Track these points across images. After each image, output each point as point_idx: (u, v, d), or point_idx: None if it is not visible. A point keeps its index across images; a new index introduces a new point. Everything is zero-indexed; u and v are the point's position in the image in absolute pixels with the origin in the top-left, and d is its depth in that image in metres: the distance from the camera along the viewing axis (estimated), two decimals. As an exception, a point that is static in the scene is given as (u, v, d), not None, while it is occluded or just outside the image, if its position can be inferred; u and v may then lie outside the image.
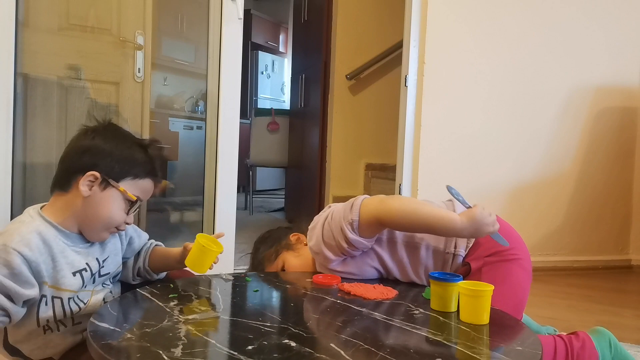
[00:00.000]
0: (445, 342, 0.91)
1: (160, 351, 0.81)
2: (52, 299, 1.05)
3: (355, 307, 1.08)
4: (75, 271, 1.08)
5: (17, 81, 2.04)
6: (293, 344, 0.86)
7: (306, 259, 1.42)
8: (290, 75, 5.01)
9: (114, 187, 1.09)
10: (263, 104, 6.57)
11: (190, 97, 2.80)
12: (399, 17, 2.83)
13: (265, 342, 0.87)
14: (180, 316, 0.98)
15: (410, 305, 1.12)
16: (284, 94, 6.97)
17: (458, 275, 1.10)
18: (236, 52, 2.32)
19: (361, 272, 1.33)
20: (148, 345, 0.84)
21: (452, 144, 2.76)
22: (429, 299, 1.12)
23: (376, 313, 1.05)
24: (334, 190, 3.74)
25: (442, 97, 2.74)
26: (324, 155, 3.76)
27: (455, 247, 1.33)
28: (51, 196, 1.12)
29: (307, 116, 4.06)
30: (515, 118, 2.87)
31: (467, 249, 1.34)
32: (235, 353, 0.81)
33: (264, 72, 6.72)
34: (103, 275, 1.16)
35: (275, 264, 1.45)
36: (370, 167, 3.79)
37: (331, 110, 3.76)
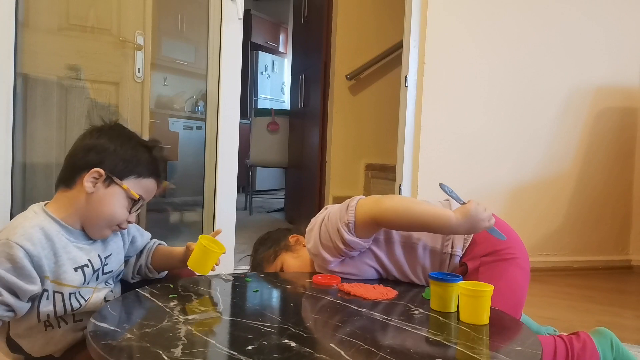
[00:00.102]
0: (445, 343, 0.91)
1: (160, 351, 0.81)
2: (53, 294, 1.06)
3: (355, 307, 1.08)
4: (76, 267, 1.09)
5: (17, 81, 2.04)
6: (293, 344, 0.86)
7: (305, 260, 1.42)
8: (290, 76, 5.01)
9: (117, 184, 1.11)
10: (263, 104, 6.57)
11: (190, 97, 2.79)
12: (399, 17, 2.83)
13: (265, 343, 0.87)
14: (180, 316, 0.98)
15: (410, 305, 1.12)
16: (283, 94, 6.97)
17: (458, 276, 1.10)
18: (236, 52, 2.32)
19: (360, 272, 1.33)
20: (148, 345, 0.84)
21: (452, 144, 2.76)
22: (429, 299, 1.12)
23: (376, 313, 1.05)
24: (334, 190, 3.74)
25: (442, 97, 2.74)
26: (324, 156, 3.76)
27: (452, 247, 1.33)
28: (55, 193, 1.14)
29: (307, 116, 4.05)
30: (515, 118, 2.87)
31: (464, 249, 1.33)
32: (235, 353, 0.81)
33: (264, 72, 6.72)
34: (106, 273, 1.17)
35: (274, 265, 1.46)
36: (370, 168, 3.78)
37: (331, 111, 3.76)
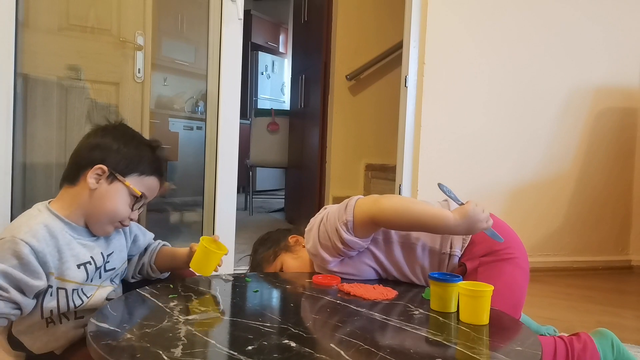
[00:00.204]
0: (445, 343, 0.91)
1: (160, 351, 0.81)
2: (57, 290, 1.07)
3: (355, 307, 1.08)
4: (79, 264, 1.10)
5: (17, 81, 2.04)
6: (293, 344, 0.86)
7: (304, 260, 1.42)
8: (290, 76, 5.01)
9: (120, 181, 1.13)
10: (263, 104, 6.57)
11: (190, 98, 2.79)
12: (399, 17, 2.83)
13: (265, 343, 0.87)
14: (181, 316, 0.98)
15: (410, 305, 1.12)
16: (284, 95, 6.97)
17: (458, 276, 1.10)
18: (236, 52, 2.32)
19: (359, 272, 1.33)
20: (148, 345, 0.84)
21: (452, 144, 2.76)
22: (429, 300, 1.12)
23: (376, 313, 1.05)
24: (334, 190, 3.74)
25: (442, 98, 2.74)
26: (324, 156, 3.76)
27: (451, 247, 1.33)
28: (60, 190, 1.16)
29: (307, 116, 4.05)
30: (515, 118, 2.87)
31: (463, 249, 1.33)
32: (235, 353, 0.81)
33: (264, 73, 6.73)
34: (109, 270, 1.19)
35: (274, 266, 1.46)
36: (370, 168, 3.78)
37: (331, 111, 3.76)
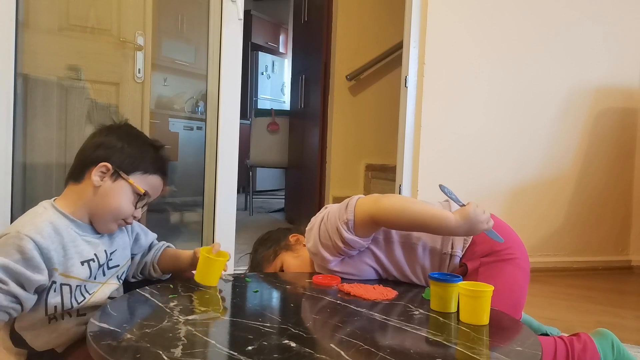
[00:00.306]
0: (445, 343, 0.91)
1: (160, 351, 0.81)
2: (60, 286, 1.08)
3: (355, 307, 1.08)
4: (83, 260, 1.12)
5: (17, 82, 2.04)
6: (293, 344, 0.86)
7: (305, 260, 1.42)
8: (290, 76, 5.01)
9: (123, 179, 1.15)
10: (263, 104, 6.57)
11: (191, 98, 2.79)
12: (399, 17, 2.83)
13: (265, 343, 0.87)
14: (181, 316, 0.98)
15: (410, 305, 1.12)
16: (284, 95, 6.97)
17: (458, 276, 1.10)
18: (236, 52, 2.32)
19: (359, 272, 1.33)
20: (148, 345, 0.84)
21: (452, 144, 2.76)
22: (429, 300, 1.12)
23: (376, 314, 1.05)
24: (334, 190, 3.74)
25: (442, 98, 2.74)
26: (324, 156, 3.76)
27: (452, 247, 1.33)
28: (65, 188, 1.18)
29: (307, 117, 4.05)
30: (516, 118, 2.87)
31: (464, 249, 1.33)
32: (235, 353, 0.81)
33: (264, 73, 6.73)
34: (112, 267, 1.20)
35: (274, 265, 1.46)
36: (370, 168, 3.79)
37: (331, 111, 3.76)
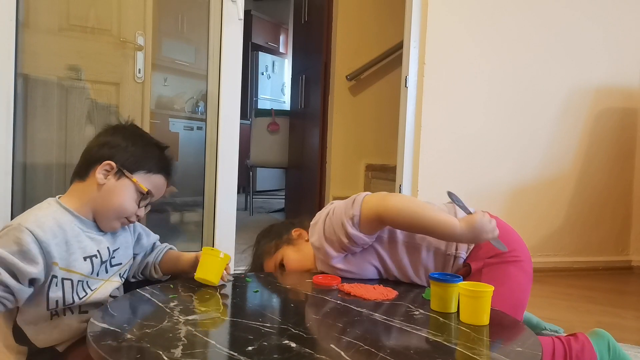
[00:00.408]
0: (445, 343, 0.91)
1: (160, 352, 0.81)
2: (62, 281, 1.09)
3: (355, 307, 1.08)
4: (86, 256, 1.13)
5: (18, 82, 2.04)
6: (293, 344, 0.86)
7: (305, 255, 1.41)
8: (290, 76, 5.01)
9: (127, 177, 1.17)
10: (263, 104, 6.57)
11: (191, 98, 2.79)
12: (399, 17, 2.83)
13: (265, 343, 0.87)
14: (181, 317, 0.98)
15: (410, 306, 1.12)
16: (284, 95, 6.97)
17: (458, 276, 1.10)
18: (236, 52, 2.32)
19: (361, 270, 1.33)
20: (148, 346, 0.84)
21: (452, 144, 2.76)
22: (429, 300, 1.12)
23: (376, 314, 1.05)
24: (334, 191, 3.74)
25: (442, 98, 2.74)
26: (324, 156, 3.76)
27: (457, 249, 1.33)
28: (70, 186, 1.19)
29: (307, 117, 4.05)
30: (516, 118, 2.87)
31: (469, 251, 1.33)
32: (235, 354, 0.81)
33: (264, 73, 6.73)
34: (115, 265, 1.21)
35: (274, 258, 1.44)
36: (370, 168, 3.78)
37: (331, 111, 3.76)
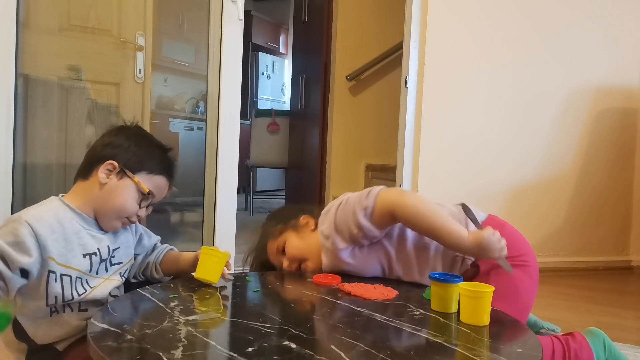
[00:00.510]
0: (445, 344, 0.91)
1: (161, 353, 0.80)
2: (60, 277, 1.10)
3: (355, 307, 1.08)
4: (85, 253, 1.14)
5: (18, 82, 2.04)
6: (293, 345, 0.86)
7: (308, 243, 1.39)
8: (290, 76, 5.01)
9: (129, 177, 1.18)
10: (263, 104, 6.57)
11: (191, 98, 2.80)
12: (399, 18, 2.83)
13: (266, 344, 0.86)
14: (181, 317, 0.98)
15: (410, 306, 1.12)
16: (284, 95, 6.97)
17: (458, 276, 1.10)
18: (236, 53, 2.32)
19: (366, 266, 1.32)
20: (148, 346, 0.84)
21: (452, 144, 2.76)
22: (429, 300, 1.11)
23: (376, 314, 1.04)
24: (334, 191, 3.74)
25: (442, 98, 2.73)
26: (324, 156, 3.76)
27: None
28: (73, 185, 1.21)
29: (308, 117, 4.05)
30: (516, 118, 2.87)
31: None
32: (236, 355, 0.81)
33: (264, 73, 6.73)
34: (115, 264, 1.22)
35: (277, 241, 1.43)
36: (370, 168, 3.78)
37: (331, 111, 3.76)
